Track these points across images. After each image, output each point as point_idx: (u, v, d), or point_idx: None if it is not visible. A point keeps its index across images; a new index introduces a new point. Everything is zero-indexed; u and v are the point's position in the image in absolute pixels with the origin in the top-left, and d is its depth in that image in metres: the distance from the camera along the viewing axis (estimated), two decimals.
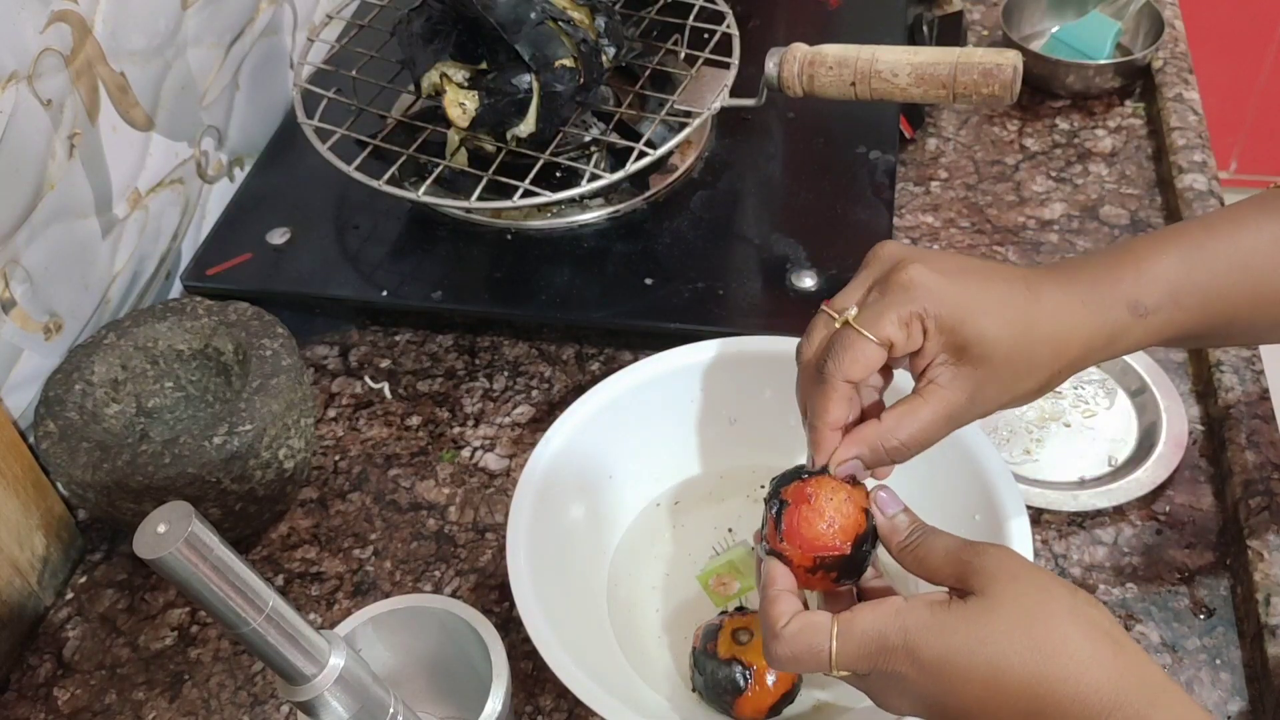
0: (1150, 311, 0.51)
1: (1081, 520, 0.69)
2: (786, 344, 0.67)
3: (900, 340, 0.50)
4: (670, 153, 0.80)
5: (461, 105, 0.77)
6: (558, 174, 0.82)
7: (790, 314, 0.76)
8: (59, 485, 0.70)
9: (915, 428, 0.51)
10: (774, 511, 0.50)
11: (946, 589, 0.46)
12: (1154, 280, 0.51)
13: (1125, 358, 0.75)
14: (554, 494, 0.63)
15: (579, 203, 0.83)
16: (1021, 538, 0.58)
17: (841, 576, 0.50)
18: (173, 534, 0.37)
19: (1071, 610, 0.43)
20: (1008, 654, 0.42)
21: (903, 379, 0.54)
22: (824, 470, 0.51)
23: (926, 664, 0.44)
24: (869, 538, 0.50)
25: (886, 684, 0.45)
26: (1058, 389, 0.75)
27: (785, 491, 0.51)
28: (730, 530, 0.68)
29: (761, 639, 0.49)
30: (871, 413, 0.52)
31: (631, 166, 0.76)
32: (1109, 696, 0.41)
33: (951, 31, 0.98)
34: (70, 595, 0.70)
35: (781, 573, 0.49)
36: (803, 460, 0.53)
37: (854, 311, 0.52)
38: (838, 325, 0.52)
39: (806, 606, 0.48)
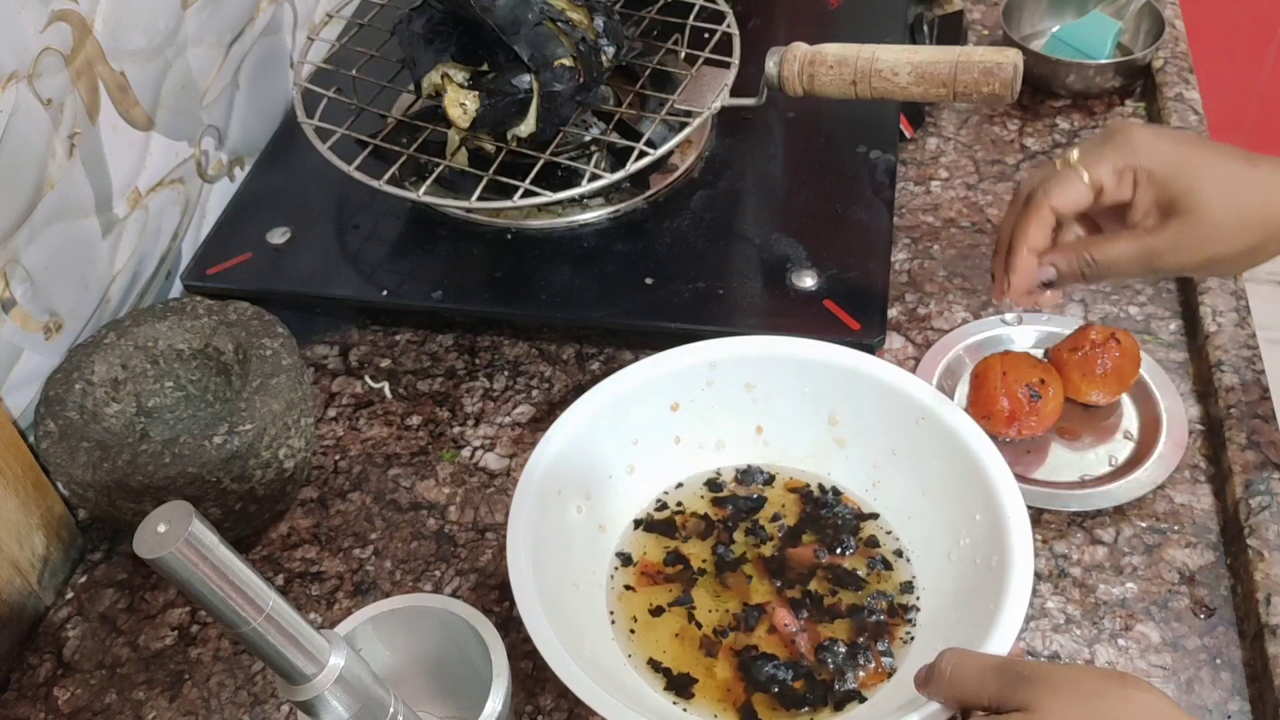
0: None
1: (1081, 520, 0.69)
2: (788, 344, 0.67)
3: (1110, 186, 0.56)
4: (670, 152, 0.80)
5: (462, 105, 0.77)
6: (558, 174, 0.82)
7: (790, 314, 0.76)
8: (59, 485, 0.69)
9: (1114, 254, 0.56)
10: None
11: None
12: None
13: None
14: (555, 493, 0.63)
15: (579, 202, 0.83)
16: (1021, 538, 0.58)
17: None
18: (173, 534, 0.37)
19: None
20: None
21: None
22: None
23: None
24: None
25: None
26: None
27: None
28: None
29: None
30: None
31: (632, 166, 0.76)
32: None
33: (952, 31, 0.98)
34: (70, 595, 0.70)
35: None
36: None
37: (1075, 154, 0.58)
38: (1058, 167, 0.58)
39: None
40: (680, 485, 0.69)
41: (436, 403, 0.79)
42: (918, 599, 0.63)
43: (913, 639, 0.61)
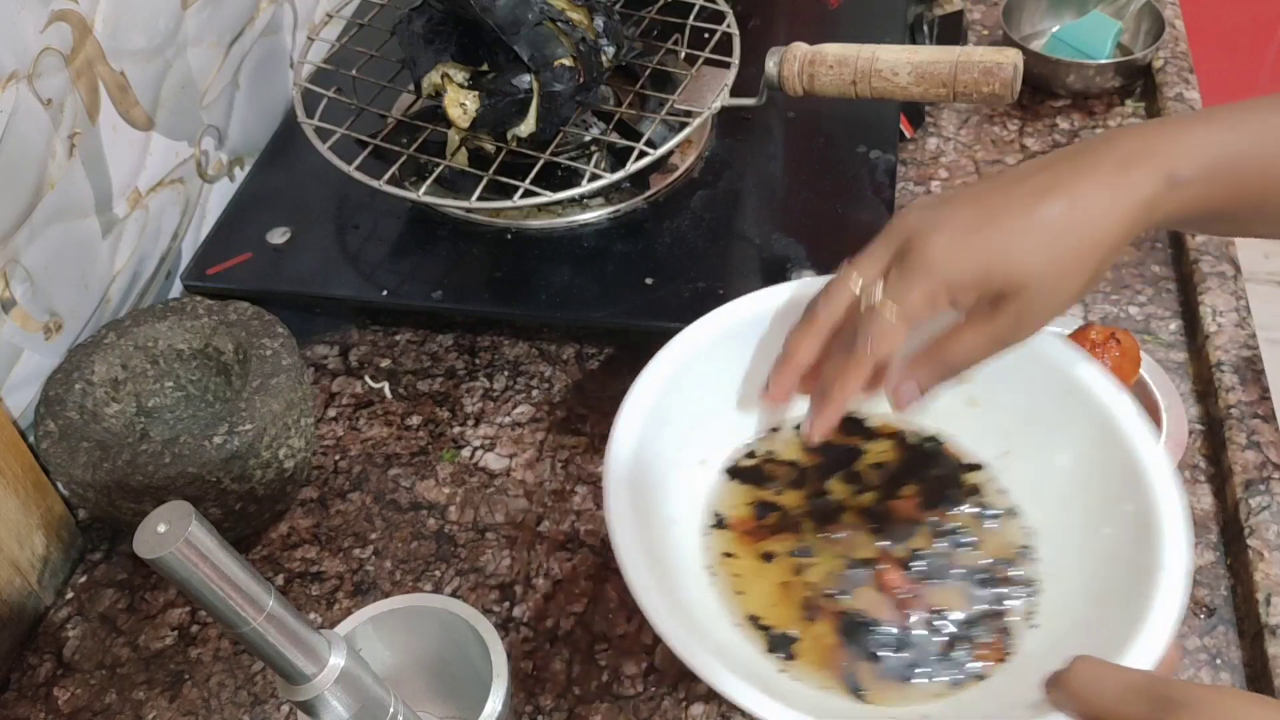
0: (1183, 184, 0.51)
1: None
2: None
3: (927, 314, 0.54)
4: (670, 152, 0.80)
5: (462, 105, 0.77)
6: (558, 174, 0.82)
7: None
8: (59, 485, 0.70)
9: (964, 350, 0.55)
10: None
11: None
12: (1191, 151, 0.51)
13: None
14: (662, 421, 0.59)
15: (579, 202, 0.83)
16: (1175, 538, 0.53)
17: None
18: (173, 534, 0.37)
19: None
20: None
21: None
22: None
23: None
24: None
25: None
26: None
27: None
28: None
29: None
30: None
31: (632, 166, 0.76)
32: None
33: (952, 31, 0.98)
34: (70, 595, 0.70)
35: None
36: None
37: (878, 291, 0.55)
38: (864, 305, 0.55)
39: None
40: (776, 430, 0.64)
41: (436, 403, 0.79)
42: (1040, 576, 0.58)
43: (1037, 626, 0.56)
